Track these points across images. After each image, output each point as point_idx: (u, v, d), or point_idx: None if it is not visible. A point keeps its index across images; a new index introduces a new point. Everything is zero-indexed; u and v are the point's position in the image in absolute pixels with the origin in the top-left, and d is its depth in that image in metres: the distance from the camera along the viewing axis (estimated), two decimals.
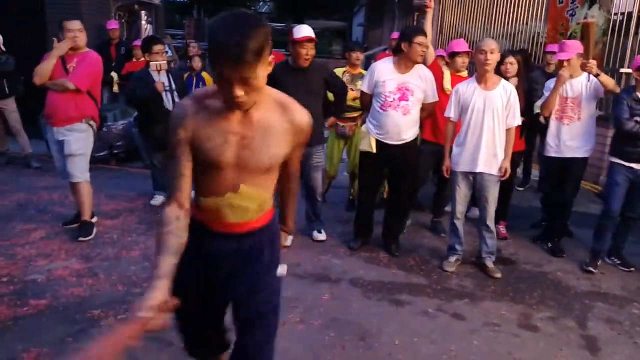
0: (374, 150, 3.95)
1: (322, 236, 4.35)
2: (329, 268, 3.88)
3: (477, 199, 3.94)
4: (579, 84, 4.05)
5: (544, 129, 4.36)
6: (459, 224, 3.97)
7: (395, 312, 3.31)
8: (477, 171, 3.77)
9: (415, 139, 4.02)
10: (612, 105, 3.93)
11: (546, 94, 4.13)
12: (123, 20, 8.86)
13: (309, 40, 3.89)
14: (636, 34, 6.07)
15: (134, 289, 3.35)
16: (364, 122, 4.26)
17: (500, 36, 8.22)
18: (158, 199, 5.01)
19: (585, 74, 4.01)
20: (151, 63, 4.68)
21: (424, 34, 3.80)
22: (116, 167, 6.45)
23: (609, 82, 3.96)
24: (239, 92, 1.46)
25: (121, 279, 3.48)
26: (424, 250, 4.35)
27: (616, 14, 6.26)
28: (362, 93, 4.09)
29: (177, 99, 4.83)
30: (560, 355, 2.92)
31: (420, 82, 3.86)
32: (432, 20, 4.25)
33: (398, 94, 3.82)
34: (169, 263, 1.55)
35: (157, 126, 4.65)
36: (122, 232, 4.29)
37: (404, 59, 3.82)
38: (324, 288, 3.56)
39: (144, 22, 8.92)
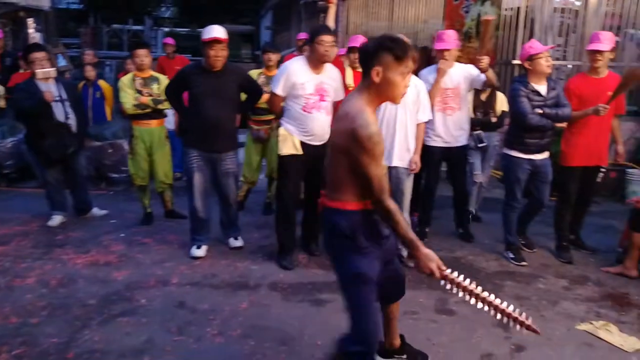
0: (301, 152, 3.78)
1: (239, 242, 4.22)
2: (247, 275, 3.76)
3: (392, 192, 3.98)
4: (458, 75, 4.19)
5: None
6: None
7: (316, 312, 3.26)
8: (393, 165, 3.82)
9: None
10: (510, 99, 4.01)
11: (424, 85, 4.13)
12: (7, 29, 8.15)
13: (217, 41, 3.70)
14: (525, 27, 6.48)
15: (30, 319, 3.03)
16: (279, 126, 4.14)
17: (403, 34, 8.46)
18: (55, 219, 4.63)
19: (461, 65, 4.21)
20: (37, 71, 4.31)
21: (328, 32, 3.68)
22: (7, 189, 5.90)
23: (494, 78, 4.16)
24: None
25: (15, 309, 3.15)
26: None
27: (506, 9, 6.64)
28: (274, 95, 3.78)
29: (68, 110, 4.48)
30: (476, 336, 3.00)
31: (332, 81, 3.82)
32: (337, 19, 4.24)
33: (317, 96, 3.72)
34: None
35: (47, 140, 4.28)
36: (15, 259, 3.89)
37: (313, 59, 3.72)
38: (242, 296, 3.44)
39: (31, 30, 8.24)
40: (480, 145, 4.69)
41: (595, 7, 6.34)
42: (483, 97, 4.66)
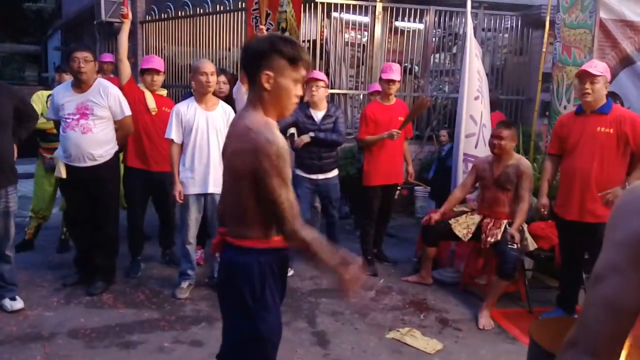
0: (64, 176, 3.61)
1: (18, 304, 3.43)
2: (40, 324, 3.25)
3: (208, 219, 3.84)
4: None
5: None
6: (191, 248, 3.83)
7: (126, 356, 2.94)
8: (209, 192, 3.69)
9: (111, 160, 3.70)
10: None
11: None
12: None
13: None
14: (321, 58, 6.98)
15: None
16: None
17: (207, 60, 8.39)
18: None
19: None
20: None
21: (81, 49, 3.56)
22: None
23: None
24: None
25: None
26: (154, 281, 4.05)
27: (304, 41, 7.07)
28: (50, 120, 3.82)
29: None
30: (297, 357, 3.01)
31: (100, 98, 3.59)
32: (136, 42, 4.01)
33: (77, 115, 3.55)
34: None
35: None
36: None
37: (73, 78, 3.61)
38: (35, 349, 2.95)
39: None
40: None
41: (379, 43, 7.13)
42: None
